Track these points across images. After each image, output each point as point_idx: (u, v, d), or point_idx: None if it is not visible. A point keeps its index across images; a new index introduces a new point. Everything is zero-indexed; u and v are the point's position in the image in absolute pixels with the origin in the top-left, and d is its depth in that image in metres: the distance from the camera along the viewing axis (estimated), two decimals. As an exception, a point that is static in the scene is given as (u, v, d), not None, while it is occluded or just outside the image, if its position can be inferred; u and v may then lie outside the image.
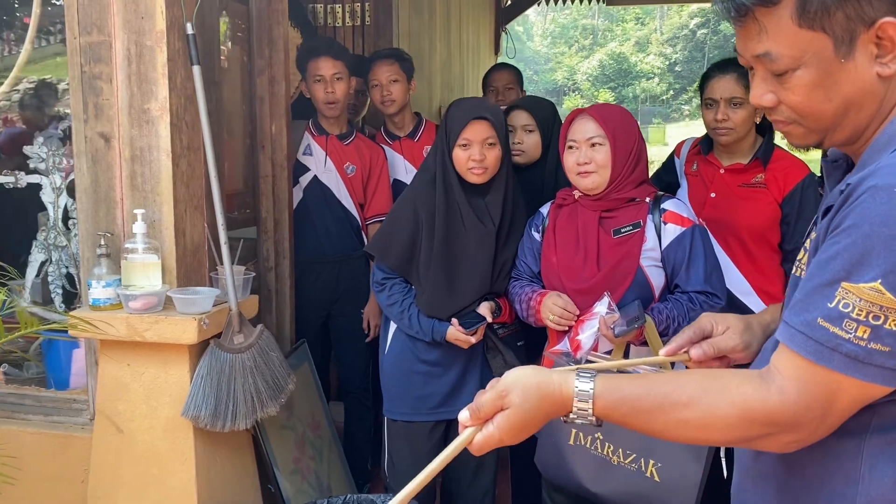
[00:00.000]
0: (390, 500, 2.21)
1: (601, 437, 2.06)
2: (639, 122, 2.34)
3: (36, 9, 2.15)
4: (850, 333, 0.87)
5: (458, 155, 2.26)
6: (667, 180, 2.71)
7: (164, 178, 2.11)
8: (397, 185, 3.07)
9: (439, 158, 2.31)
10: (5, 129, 2.73)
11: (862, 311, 0.86)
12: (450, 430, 2.44)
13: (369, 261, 2.82)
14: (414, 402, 2.36)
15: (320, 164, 2.94)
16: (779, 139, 2.35)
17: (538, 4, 7.17)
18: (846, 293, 0.87)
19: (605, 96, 32.79)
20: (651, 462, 1.99)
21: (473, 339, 2.24)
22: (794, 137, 1.03)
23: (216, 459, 2.21)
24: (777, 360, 0.94)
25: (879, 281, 0.85)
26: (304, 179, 2.93)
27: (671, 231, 2.10)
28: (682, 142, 2.80)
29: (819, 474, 0.99)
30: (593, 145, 2.11)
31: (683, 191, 2.60)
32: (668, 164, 2.79)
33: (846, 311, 0.87)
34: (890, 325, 0.86)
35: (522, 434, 1.02)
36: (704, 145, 2.60)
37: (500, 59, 7.12)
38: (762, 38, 0.97)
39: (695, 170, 2.60)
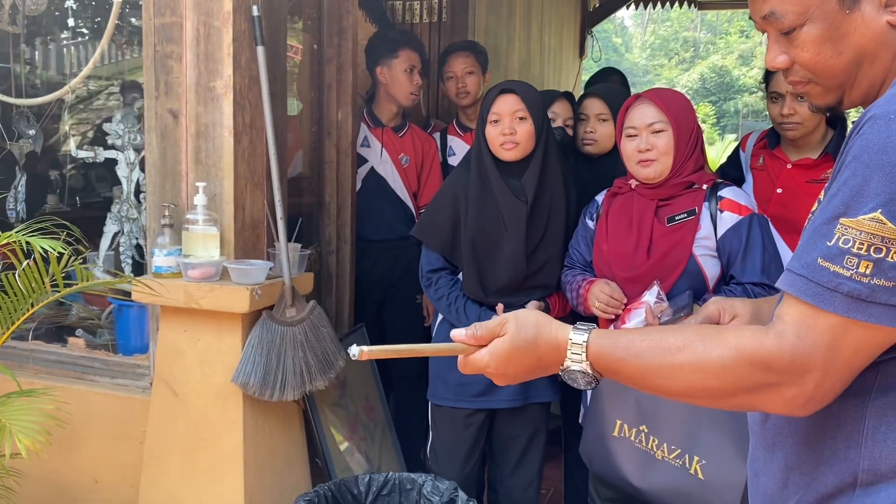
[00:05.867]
0: (431, 480, 2.23)
1: (646, 430, 2.01)
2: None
3: (117, -2, 2.29)
4: (852, 270, 0.83)
5: (490, 132, 2.25)
6: (732, 175, 2.61)
7: (226, 153, 2.20)
8: None
9: (475, 140, 2.32)
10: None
11: (863, 244, 0.82)
12: (493, 418, 2.42)
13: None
14: (455, 388, 2.36)
15: (377, 156, 3.01)
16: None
17: (627, 8, 7.08)
18: (845, 229, 0.83)
19: (705, 109, 31.89)
20: (696, 458, 1.92)
21: None
22: (813, 97, 1.01)
23: (265, 428, 2.27)
24: (780, 309, 0.90)
25: (880, 211, 0.81)
26: (363, 170, 3.00)
27: (727, 219, 2.03)
28: (748, 135, 2.69)
29: (821, 437, 0.94)
30: (655, 132, 2.06)
31: (748, 186, 2.50)
32: (734, 158, 2.69)
33: (846, 246, 0.83)
34: (892, 256, 0.81)
35: (510, 367, 1.03)
36: (771, 139, 2.49)
37: (584, 63, 7.06)
38: None
39: (760, 164, 2.50)
